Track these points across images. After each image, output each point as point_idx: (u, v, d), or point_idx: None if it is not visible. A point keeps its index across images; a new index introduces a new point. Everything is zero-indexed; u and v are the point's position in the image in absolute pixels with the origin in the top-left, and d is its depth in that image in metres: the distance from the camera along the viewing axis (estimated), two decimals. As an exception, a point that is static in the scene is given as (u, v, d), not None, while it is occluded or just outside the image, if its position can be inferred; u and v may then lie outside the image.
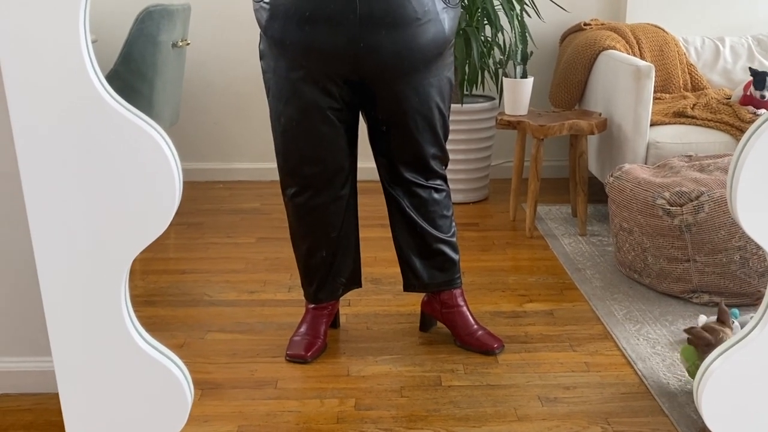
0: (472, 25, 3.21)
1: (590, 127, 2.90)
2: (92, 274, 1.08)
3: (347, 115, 1.96)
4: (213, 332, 2.22)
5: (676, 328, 2.22)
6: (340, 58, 1.82)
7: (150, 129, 1.02)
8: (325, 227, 2.04)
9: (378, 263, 2.69)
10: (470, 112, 3.29)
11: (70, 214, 1.05)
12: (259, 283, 2.56)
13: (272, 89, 1.94)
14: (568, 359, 2.07)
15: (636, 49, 3.25)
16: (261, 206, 3.35)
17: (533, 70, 3.42)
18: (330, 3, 1.77)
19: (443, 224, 2.10)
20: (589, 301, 2.40)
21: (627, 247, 2.50)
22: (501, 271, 2.66)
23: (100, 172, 1.02)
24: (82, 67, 0.99)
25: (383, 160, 2.04)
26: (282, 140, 1.96)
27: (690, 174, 2.45)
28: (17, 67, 0.96)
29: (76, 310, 1.10)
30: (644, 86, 2.77)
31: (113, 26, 3.30)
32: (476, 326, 2.14)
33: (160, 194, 1.03)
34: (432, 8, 1.84)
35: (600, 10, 3.60)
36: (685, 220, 2.30)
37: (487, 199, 3.47)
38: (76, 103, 1.00)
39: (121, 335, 1.13)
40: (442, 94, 1.97)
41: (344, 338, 2.19)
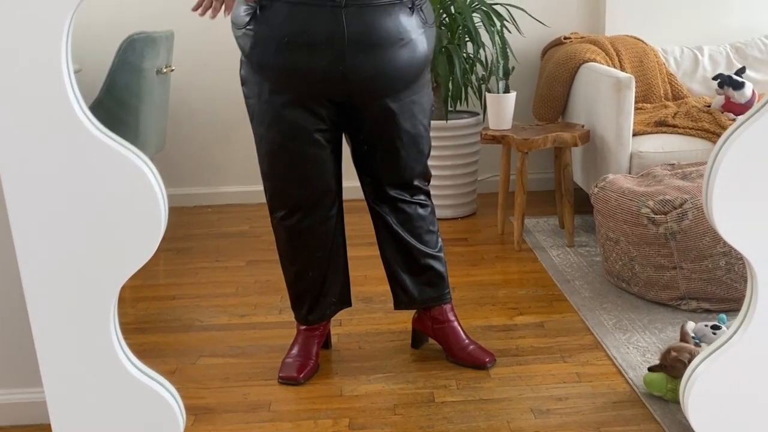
0: (454, 43, 3.24)
1: (573, 139, 2.93)
2: (81, 302, 1.09)
3: (333, 135, 1.98)
4: (205, 357, 2.22)
5: (666, 335, 2.24)
6: (327, 80, 1.83)
7: (134, 157, 1.03)
8: (314, 249, 2.05)
9: (368, 282, 2.70)
10: (455, 128, 3.32)
11: (56, 243, 1.05)
12: (249, 306, 2.56)
13: (256, 115, 1.94)
14: (560, 370, 2.08)
15: (616, 60, 3.29)
16: (250, 229, 3.36)
17: (516, 84, 3.46)
18: (316, 26, 1.78)
19: (430, 239, 2.12)
20: (579, 312, 2.41)
21: (614, 256, 2.52)
22: (491, 285, 2.68)
23: (85, 201, 1.03)
24: (64, 97, 1.00)
25: (368, 178, 2.06)
26: (269, 165, 1.97)
27: (673, 182, 2.47)
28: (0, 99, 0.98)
29: (66, 339, 1.11)
30: (625, 97, 2.80)
31: (97, 55, 3.32)
32: (467, 341, 2.15)
33: (145, 222, 1.04)
34: (412, 29, 1.87)
35: (579, 24, 3.65)
36: (670, 228, 2.32)
37: (475, 213, 3.49)
38: (60, 132, 1.01)
39: (112, 363, 1.13)
40: (424, 111, 2.00)
41: (336, 358, 2.19)
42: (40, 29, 0.97)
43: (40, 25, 0.97)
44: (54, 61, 0.94)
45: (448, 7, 3.30)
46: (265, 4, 1.81)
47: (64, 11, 0.93)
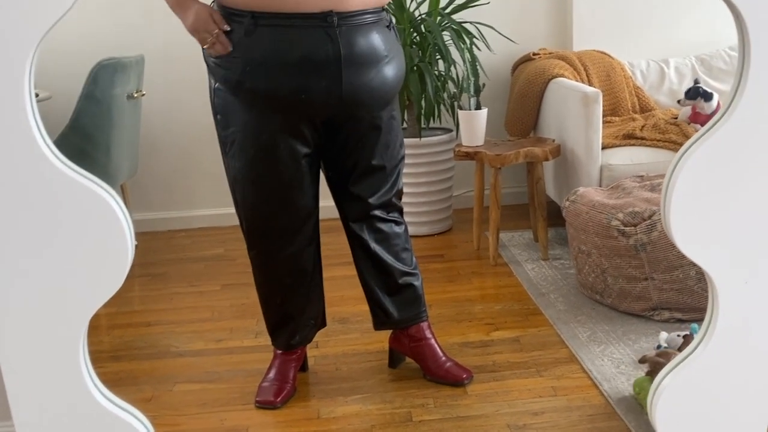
0: (426, 61, 3.27)
1: (545, 154, 2.96)
2: (49, 335, 1.09)
3: (315, 159, 1.98)
4: (181, 383, 2.21)
5: (639, 346, 2.26)
6: (324, 100, 1.83)
7: (99, 189, 1.03)
8: (296, 276, 2.04)
9: (344, 302, 2.70)
10: (429, 145, 3.34)
11: (22, 276, 1.05)
12: (225, 330, 2.55)
13: (239, 144, 1.88)
14: (536, 385, 2.09)
15: (584, 75, 3.34)
16: (224, 252, 3.35)
17: (487, 100, 3.49)
18: (311, 47, 1.78)
19: (406, 257, 2.13)
20: (554, 325, 2.43)
21: (587, 269, 2.55)
22: (467, 301, 2.69)
23: (49, 234, 1.03)
24: (28, 131, 1.00)
25: (350, 199, 2.04)
26: (252, 195, 1.93)
27: (642, 194, 2.51)
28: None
29: (35, 372, 1.10)
30: (593, 111, 2.84)
31: (67, 81, 3.31)
32: (444, 358, 2.16)
33: (112, 254, 1.04)
34: (392, 45, 1.91)
35: (547, 40, 3.70)
36: (640, 240, 2.35)
37: (451, 229, 3.51)
38: (23, 166, 1.01)
39: (83, 395, 1.13)
40: (399, 126, 2.05)
41: (313, 381, 2.19)
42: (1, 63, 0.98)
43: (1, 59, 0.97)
44: (18, 96, 0.94)
45: (419, 26, 3.33)
46: (251, 29, 1.79)
47: (29, 44, 0.94)
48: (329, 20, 1.77)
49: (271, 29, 1.78)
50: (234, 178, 1.95)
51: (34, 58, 0.97)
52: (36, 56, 0.98)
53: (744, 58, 1.09)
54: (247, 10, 1.78)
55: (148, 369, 2.31)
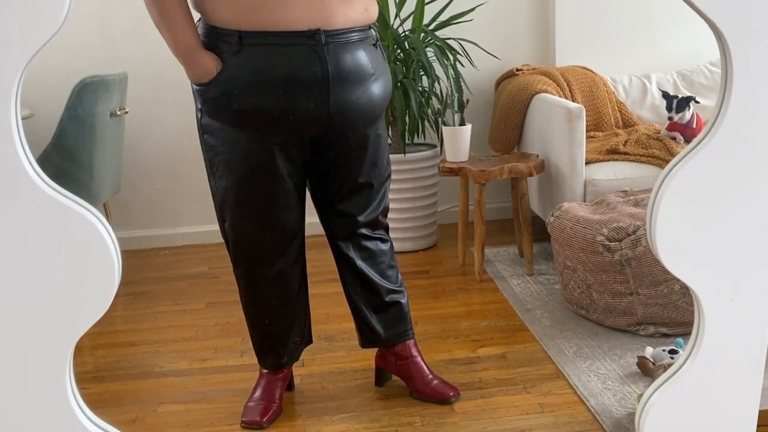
0: (409, 77, 3.29)
1: (529, 170, 2.97)
2: (35, 359, 1.07)
3: (302, 178, 1.97)
4: (166, 404, 2.19)
5: (625, 361, 2.27)
6: (312, 118, 1.82)
7: (85, 212, 1.02)
8: (282, 296, 2.03)
9: (330, 320, 2.69)
10: (413, 161, 3.35)
11: (6, 300, 1.04)
12: (210, 350, 2.53)
13: (225, 164, 1.87)
14: (523, 402, 2.09)
15: (567, 91, 3.36)
16: (209, 270, 3.33)
17: (471, 116, 3.51)
18: (299, 66, 1.77)
19: (392, 275, 2.13)
20: (540, 341, 2.43)
21: (572, 284, 2.56)
22: (453, 318, 2.69)
23: (35, 258, 1.02)
24: (14, 154, 0.99)
25: (333, 216, 2.04)
26: (239, 215, 1.91)
27: (626, 209, 2.52)
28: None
29: (20, 395, 1.09)
30: (576, 127, 2.86)
31: (49, 100, 3.29)
32: (431, 376, 2.15)
33: (98, 277, 1.03)
34: (379, 63, 1.92)
35: (530, 56, 3.73)
36: (625, 255, 2.36)
37: (436, 245, 3.51)
38: (8, 189, 1.00)
39: (67, 418, 1.11)
40: (386, 143, 2.06)
41: (299, 400, 2.17)
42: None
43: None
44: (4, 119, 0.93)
45: (402, 43, 3.34)
46: (237, 49, 1.78)
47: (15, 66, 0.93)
48: (317, 38, 1.77)
49: (259, 48, 1.77)
50: (220, 198, 1.94)
51: (20, 80, 0.96)
52: (22, 78, 0.97)
53: (727, 77, 1.10)
54: (234, 30, 1.78)
55: (132, 390, 2.28)
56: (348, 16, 1.81)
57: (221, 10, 1.77)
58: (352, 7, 1.82)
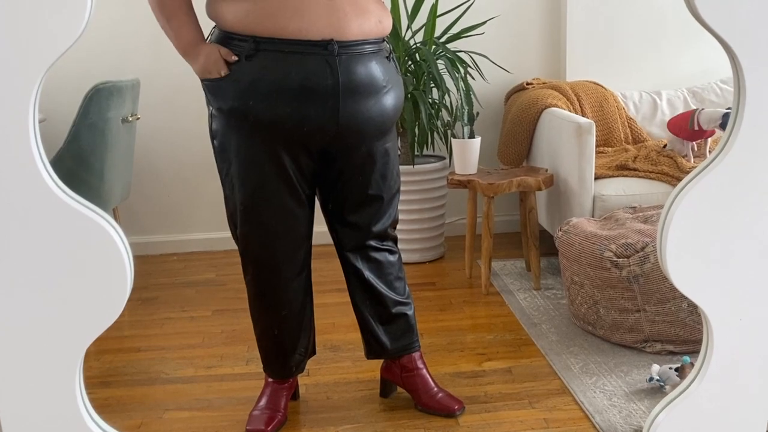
0: (420, 89, 3.30)
1: (537, 184, 2.97)
2: (45, 364, 1.08)
3: (311, 188, 1.98)
4: (171, 411, 2.19)
5: (631, 378, 2.26)
6: (321, 127, 1.83)
7: (99, 219, 1.03)
8: (288, 304, 2.03)
9: (336, 330, 2.69)
10: (422, 172, 3.35)
11: (18, 306, 1.04)
12: (216, 357, 2.54)
13: (235, 170, 1.88)
14: (528, 417, 2.08)
15: (577, 105, 3.37)
16: (216, 277, 3.34)
17: (480, 129, 3.52)
18: (309, 74, 1.78)
19: (399, 286, 2.13)
20: (546, 356, 2.43)
21: (579, 300, 2.55)
22: (459, 331, 2.68)
23: (49, 264, 1.03)
24: (30, 160, 1.00)
25: (346, 228, 2.04)
26: (248, 222, 1.92)
27: (635, 225, 2.52)
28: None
29: (29, 399, 1.09)
30: (586, 142, 2.87)
31: (62, 104, 3.32)
32: (436, 389, 2.15)
33: (111, 284, 1.04)
34: (392, 76, 1.92)
35: (541, 70, 3.73)
36: (633, 272, 2.36)
37: (443, 257, 3.51)
38: (24, 195, 1.00)
39: (76, 423, 1.12)
40: (396, 156, 2.05)
41: (304, 409, 2.17)
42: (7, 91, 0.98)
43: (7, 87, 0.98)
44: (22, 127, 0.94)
45: (413, 55, 3.36)
46: (251, 54, 1.79)
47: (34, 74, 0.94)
48: (329, 48, 1.78)
49: (272, 54, 1.78)
50: (231, 204, 1.95)
51: (39, 88, 0.97)
52: (41, 86, 0.98)
53: (739, 96, 1.10)
54: (248, 35, 1.79)
55: (138, 395, 2.28)
56: (362, 28, 1.82)
57: (237, 17, 1.79)
58: (366, 19, 1.83)
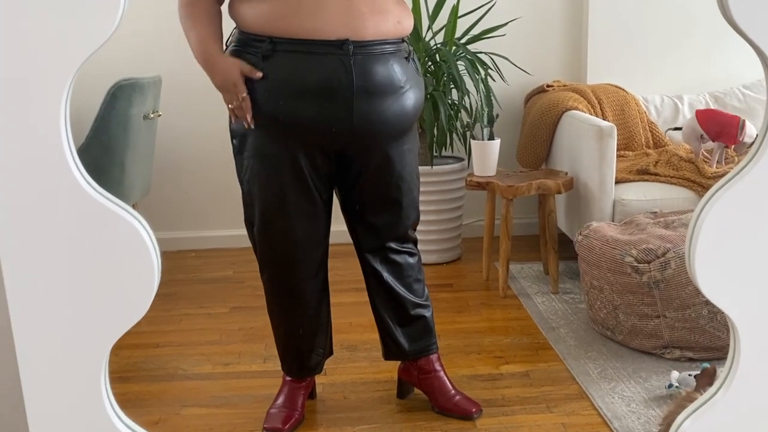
0: (439, 90, 3.29)
1: (557, 187, 2.96)
2: (72, 359, 1.09)
3: (328, 189, 1.97)
4: (188, 407, 2.20)
5: (650, 384, 2.24)
6: (335, 128, 1.82)
7: (128, 216, 1.03)
8: (306, 305, 2.03)
9: (353, 329, 2.69)
10: (440, 173, 3.35)
11: (48, 300, 1.05)
12: (233, 354, 2.54)
13: (251, 169, 1.89)
14: (546, 421, 2.07)
15: (598, 109, 3.35)
16: (234, 274, 3.35)
17: (499, 131, 3.50)
18: (324, 75, 1.77)
19: (418, 288, 2.12)
20: (564, 361, 2.42)
21: (598, 304, 2.54)
22: (476, 333, 2.68)
23: (79, 260, 1.03)
24: (62, 157, 1.01)
25: (364, 230, 2.04)
26: (264, 221, 1.92)
27: (656, 231, 2.50)
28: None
29: (55, 395, 1.10)
30: (607, 145, 2.85)
31: (84, 100, 3.33)
32: (453, 391, 2.14)
33: (139, 281, 1.04)
34: (410, 77, 1.90)
35: (562, 72, 3.72)
36: (653, 277, 2.34)
37: (460, 258, 3.50)
38: (55, 192, 1.01)
39: (102, 421, 1.13)
40: (415, 158, 2.03)
41: (321, 409, 2.17)
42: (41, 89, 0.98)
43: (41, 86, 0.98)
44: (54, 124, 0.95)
45: (434, 56, 3.35)
46: (268, 54, 1.79)
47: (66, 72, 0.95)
48: (345, 48, 1.77)
49: (289, 55, 1.78)
50: (248, 203, 1.95)
51: (71, 84, 0.98)
52: (73, 82, 0.98)
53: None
54: (266, 35, 1.79)
55: (156, 391, 2.29)
56: (379, 28, 1.81)
57: (254, 17, 1.79)
58: (384, 19, 1.82)
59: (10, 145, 0.98)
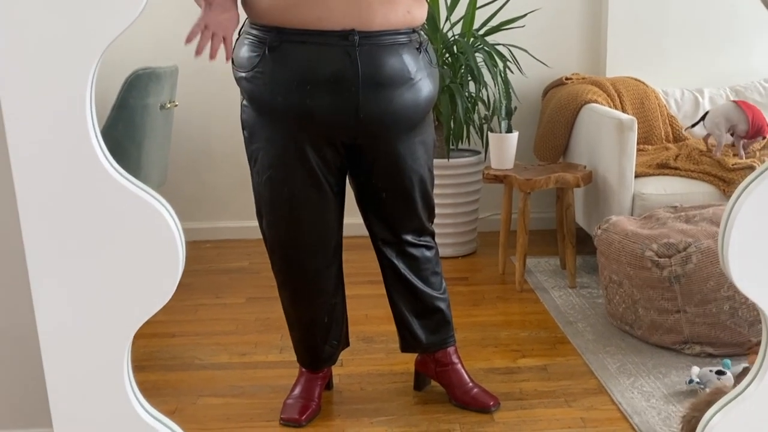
0: (456, 82, 3.27)
1: (576, 180, 2.93)
2: (95, 345, 1.08)
3: (339, 180, 1.95)
4: (205, 397, 2.19)
5: (670, 380, 2.22)
6: (341, 120, 1.80)
7: (154, 201, 1.02)
8: (319, 296, 2.02)
9: (369, 321, 2.68)
10: (457, 166, 3.33)
11: (73, 285, 1.05)
12: (250, 344, 2.54)
13: (261, 161, 1.88)
14: (564, 415, 2.05)
15: (617, 102, 3.31)
16: (249, 265, 3.34)
17: (516, 124, 3.47)
18: (330, 66, 1.75)
19: (435, 281, 2.10)
20: (582, 355, 2.40)
21: (617, 299, 2.51)
22: (492, 326, 2.66)
23: (104, 245, 1.02)
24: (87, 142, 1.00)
25: (377, 222, 2.02)
26: (273, 212, 1.91)
27: (677, 225, 2.48)
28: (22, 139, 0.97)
29: (78, 382, 1.09)
30: (628, 139, 2.82)
31: (101, 90, 3.32)
32: (471, 384, 2.13)
33: (163, 266, 1.03)
34: (420, 69, 1.86)
35: (580, 65, 3.68)
36: (674, 272, 2.31)
37: (476, 252, 3.48)
38: (81, 176, 1.01)
39: (124, 407, 1.12)
40: (429, 150, 1.99)
41: (338, 400, 2.16)
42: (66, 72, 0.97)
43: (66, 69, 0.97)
44: (78, 105, 0.94)
45: (451, 47, 3.33)
46: (274, 45, 1.78)
47: (91, 56, 0.94)
48: (350, 39, 1.74)
49: (294, 45, 1.76)
50: (258, 195, 1.94)
51: (96, 69, 0.96)
52: (98, 68, 0.97)
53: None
54: (272, 26, 1.77)
55: (172, 381, 2.29)
56: (387, 18, 1.77)
57: (262, 8, 1.77)
58: (392, 9, 1.78)
59: (37, 131, 0.97)
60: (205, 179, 3.69)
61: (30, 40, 0.96)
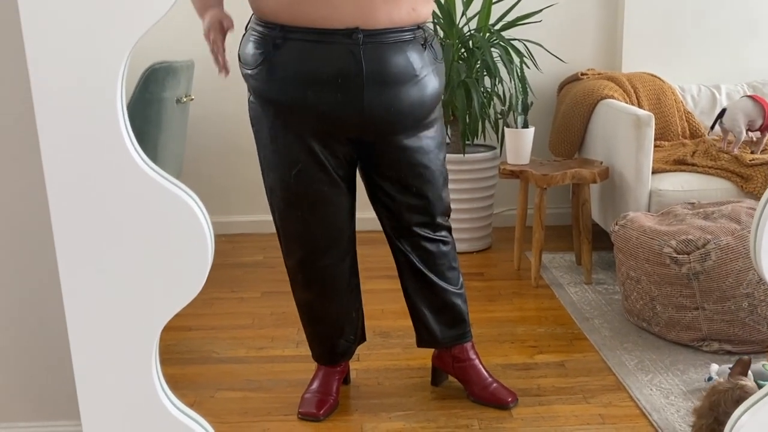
0: (472, 77, 3.26)
1: (592, 176, 2.92)
2: (124, 338, 1.08)
3: (349, 174, 1.95)
4: (223, 390, 2.20)
5: (688, 377, 2.21)
6: (345, 117, 1.80)
7: (184, 195, 1.02)
8: (332, 291, 2.02)
9: (385, 316, 2.68)
10: (472, 161, 3.32)
11: (102, 278, 1.05)
12: (266, 338, 2.54)
13: (269, 157, 1.89)
14: (583, 412, 2.05)
15: (633, 97, 3.30)
16: (264, 259, 3.35)
17: (532, 119, 3.47)
18: (334, 63, 1.75)
19: (452, 276, 2.10)
20: (600, 352, 2.39)
21: (635, 295, 2.50)
22: (509, 322, 2.66)
23: (134, 238, 1.03)
24: (118, 136, 1.00)
25: (389, 216, 2.02)
26: (285, 208, 1.92)
27: (695, 222, 2.46)
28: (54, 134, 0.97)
29: (106, 375, 1.10)
30: (645, 135, 2.81)
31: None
32: (489, 379, 2.13)
33: (193, 259, 1.04)
34: (425, 65, 1.85)
35: (596, 60, 3.67)
36: (693, 269, 2.30)
37: (491, 247, 3.48)
38: (112, 170, 1.01)
39: (152, 400, 1.12)
40: (439, 145, 1.98)
41: (355, 395, 2.16)
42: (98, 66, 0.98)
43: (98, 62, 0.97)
44: (109, 99, 0.94)
45: (467, 42, 3.32)
46: (279, 43, 1.77)
47: (122, 50, 0.94)
48: (354, 37, 1.73)
49: (299, 43, 1.76)
50: (269, 190, 1.94)
51: (126, 62, 0.96)
52: (128, 61, 0.97)
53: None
54: (277, 23, 1.77)
55: (190, 374, 2.30)
56: (391, 16, 1.76)
57: (268, 5, 1.77)
58: (396, 7, 1.77)
59: (68, 125, 0.97)
60: (219, 173, 3.70)
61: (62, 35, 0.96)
